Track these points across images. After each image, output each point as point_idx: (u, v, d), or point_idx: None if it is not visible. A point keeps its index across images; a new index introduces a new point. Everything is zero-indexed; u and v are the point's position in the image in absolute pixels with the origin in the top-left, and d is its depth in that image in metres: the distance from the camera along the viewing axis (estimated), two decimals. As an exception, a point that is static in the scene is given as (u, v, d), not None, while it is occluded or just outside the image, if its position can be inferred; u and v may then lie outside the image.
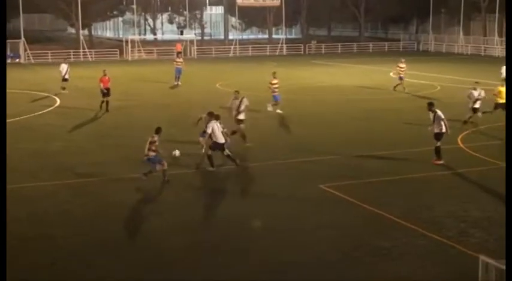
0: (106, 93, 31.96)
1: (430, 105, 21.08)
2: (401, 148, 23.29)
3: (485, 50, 71.28)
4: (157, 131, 18.62)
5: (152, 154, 18.36)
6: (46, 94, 38.54)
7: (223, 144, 19.94)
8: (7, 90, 40.68)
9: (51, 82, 45.42)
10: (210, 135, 19.83)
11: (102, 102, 31.85)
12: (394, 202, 17.03)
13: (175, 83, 43.58)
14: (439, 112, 20.71)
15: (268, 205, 16.92)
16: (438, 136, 20.87)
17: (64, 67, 39.53)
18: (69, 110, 32.57)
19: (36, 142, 24.84)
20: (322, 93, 38.65)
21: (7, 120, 29.13)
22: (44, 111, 32.43)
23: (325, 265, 12.95)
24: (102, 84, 32.09)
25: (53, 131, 27.09)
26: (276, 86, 30.86)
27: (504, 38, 63.27)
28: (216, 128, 19.76)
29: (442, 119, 20.65)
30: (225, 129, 20.43)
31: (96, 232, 14.89)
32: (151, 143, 18.35)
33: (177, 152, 19.76)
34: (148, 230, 15.20)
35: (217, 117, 20.37)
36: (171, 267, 12.85)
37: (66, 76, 39.39)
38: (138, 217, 16.24)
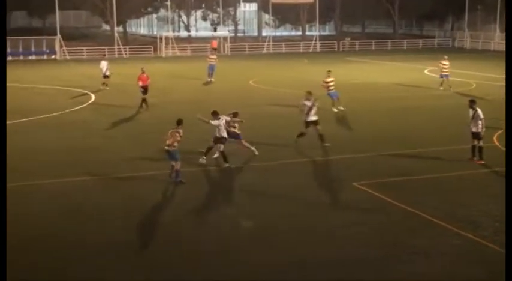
0: (144, 91, 31.60)
1: (472, 103, 20.85)
2: (436, 145, 23.05)
3: (522, 47, 70.21)
4: (180, 123, 18.45)
5: (176, 144, 18.13)
6: (81, 90, 38.89)
7: (226, 138, 20.17)
8: (42, 86, 41.40)
9: (86, 78, 45.89)
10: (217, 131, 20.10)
11: (144, 100, 31.53)
12: (428, 200, 16.85)
13: (209, 80, 43.68)
14: (479, 111, 20.47)
15: (299, 203, 16.83)
16: (474, 135, 20.63)
17: (104, 64, 39.70)
18: (103, 107, 32.81)
19: (70, 138, 25.04)
20: (356, 90, 38.36)
21: (42, 116, 29.55)
22: (79, 107, 32.71)
23: (359, 263, 12.86)
24: (140, 82, 31.70)
25: (87, 127, 27.29)
26: (332, 84, 30.66)
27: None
28: (221, 125, 19.97)
29: (481, 119, 20.41)
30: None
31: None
32: (175, 134, 18.12)
33: (203, 160, 19.68)
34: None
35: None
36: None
37: (107, 73, 39.54)
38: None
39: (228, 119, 20.49)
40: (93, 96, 36.30)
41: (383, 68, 54.29)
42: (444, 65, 37.93)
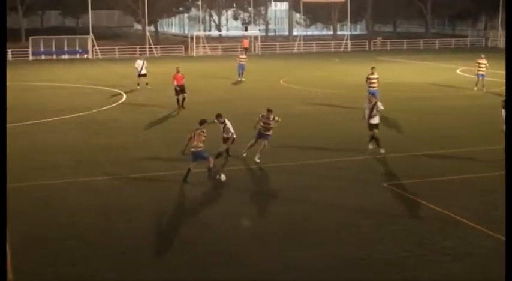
0: (179, 90, 31.51)
1: (505, 103, 20.57)
2: (469, 146, 22.81)
3: (557, 46, 69.11)
4: (202, 123, 18.35)
5: (201, 145, 18.12)
6: (113, 89, 39.19)
7: (234, 139, 20.02)
8: (74, 85, 41.79)
9: (118, 78, 46.27)
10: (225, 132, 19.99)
11: (178, 100, 31.48)
12: (460, 201, 16.66)
13: (239, 79, 43.79)
14: None
15: (325, 204, 16.74)
16: (508, 135, 20.38)
17: (139, 63, 39.76)
18: (134, 106, 32.99)
19: (102, 136, 25.22)
20: (388, 90, 38.04)
21: (73, 115, 29.83)
22: (110, 106, 32.94)
23: (385, 262, 12.75)
24: (175, 82, 31.65)
25: (119, 126, 27.47)
26: (374, 81, 30.33)
27: None
28: (230, 128, 19.92)
29: (515, 119, 20.13)
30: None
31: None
32: (200, 135, 18.06)
33: (222, 176, 18.61)
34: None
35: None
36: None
37: (143, 72, 39.57)
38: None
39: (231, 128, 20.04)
40: (124, 95, 36.53)
41: (415, 68, 53.92)
42: (480, 64, 37.45)
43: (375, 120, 21.97)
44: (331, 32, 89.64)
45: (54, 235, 14.34)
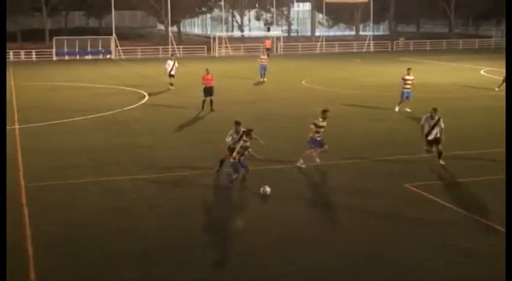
0: (207, 92, 31.32)
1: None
2: (491, 147, 22.59)
3: None
4: (248, 133, 18.04)
5: (242, 158, 17.98)
6: (135, 90, 39.35)
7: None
8: (97, 85, 42.02)
9: (140, 78, 46.46)
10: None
11: (204, 101, 31.30)
12: (484, 203, 16.54)
13: (261, 80, 43.83)
14: None
15: (347, 204, 16.68)
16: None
17: (170, 63, 40.06)
18: (157, 106, 33.07)
19: (125, 136, 25.30)
20: (409, 90, 38.02)
21: (96, 115, 29.99)
22: (133, 106, 33.06)
23: (407, 263, 12.68)
24: (204, 83, 31.49)
25: (141, 126, 27.53)
26: (409, 82, 30.20)
27: None
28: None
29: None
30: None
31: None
32: (243, 148, 17.93)
33: (268, 189, 17.62)
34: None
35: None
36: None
37: (173, 72, 39.82)
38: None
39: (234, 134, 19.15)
40: (147, 96, 36.66)
41: (438, 69, 53.57)
42: None
43: (434, 134, 20.84)
44: (353, 33, 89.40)
45: (74, 234, 14.41)
